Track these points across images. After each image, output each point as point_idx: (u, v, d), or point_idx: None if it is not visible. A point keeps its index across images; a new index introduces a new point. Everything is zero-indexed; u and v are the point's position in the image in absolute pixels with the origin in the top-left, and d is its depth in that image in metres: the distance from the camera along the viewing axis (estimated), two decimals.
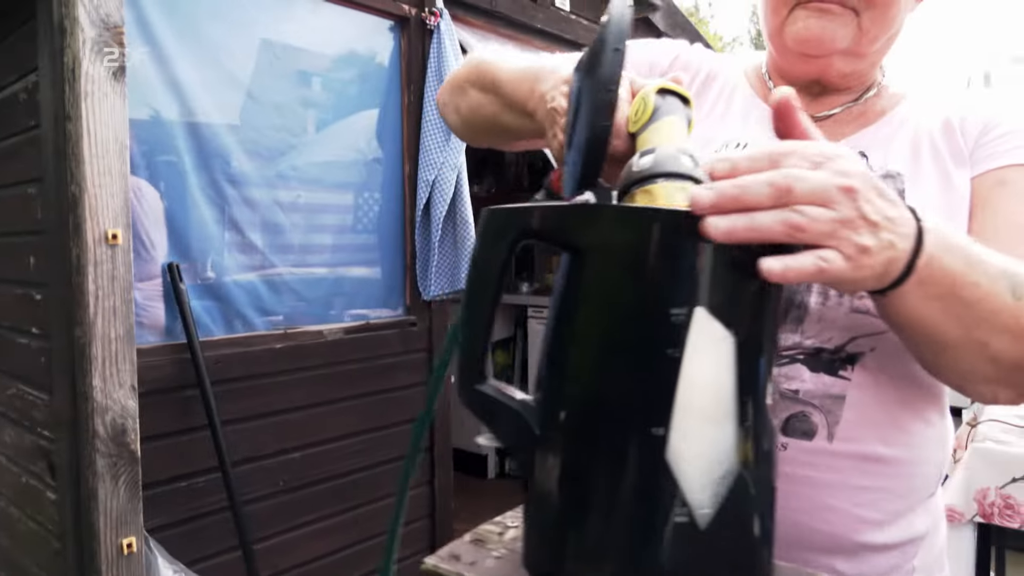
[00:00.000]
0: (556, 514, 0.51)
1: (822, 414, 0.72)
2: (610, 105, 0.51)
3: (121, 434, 1.48)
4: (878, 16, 0.72)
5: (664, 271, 0.48)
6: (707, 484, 0.48)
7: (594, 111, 0.51)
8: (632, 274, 0.49)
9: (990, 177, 0.73)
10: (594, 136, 0.51)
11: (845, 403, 0.71)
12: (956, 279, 0.54)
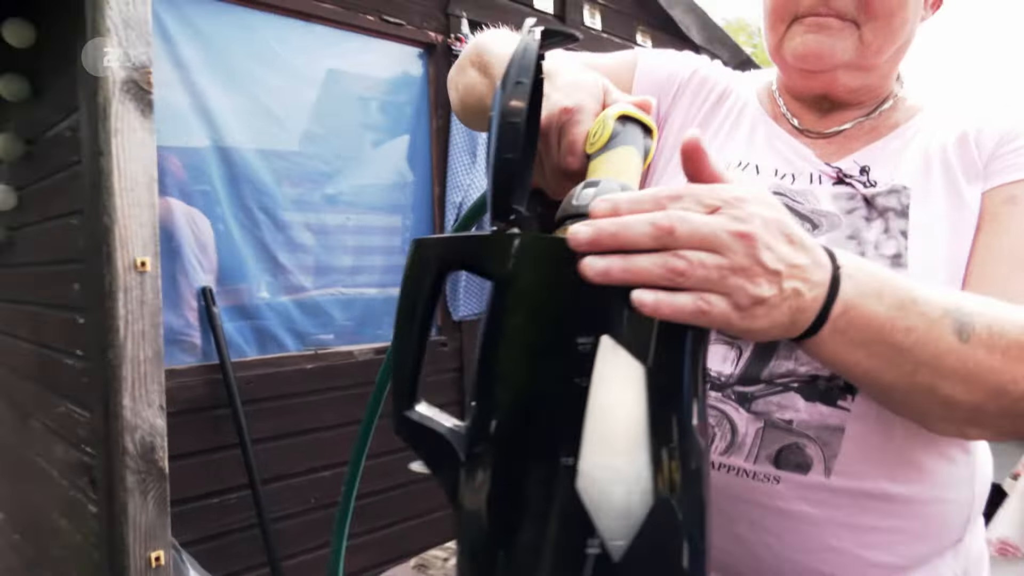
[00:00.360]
0: (478, 542, 0.52)
1: (817, 446, 0.67)
2: (513, 138, 0.51)
3: (150, 451, 1.55)
4: (881, 27, 0.70)
5: (567, 301, 0.48)
6: (619, 514, 0.48)
7: (498, 143, 0.52)
8: (539, 304, 0.49)
9: (1001, 192, 0.69)
10: (498, 168, 0.52)
11: (844, 435, 0.66)
12: (883, 324, 0.51)
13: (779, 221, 0.48)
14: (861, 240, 0.70)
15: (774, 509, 0.67)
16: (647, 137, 0.60)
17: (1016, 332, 0.55)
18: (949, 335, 0.53)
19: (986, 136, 0.72)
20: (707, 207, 0.46)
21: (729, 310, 0.45)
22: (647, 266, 0.44)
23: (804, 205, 0.73)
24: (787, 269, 0.47)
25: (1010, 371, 0.55)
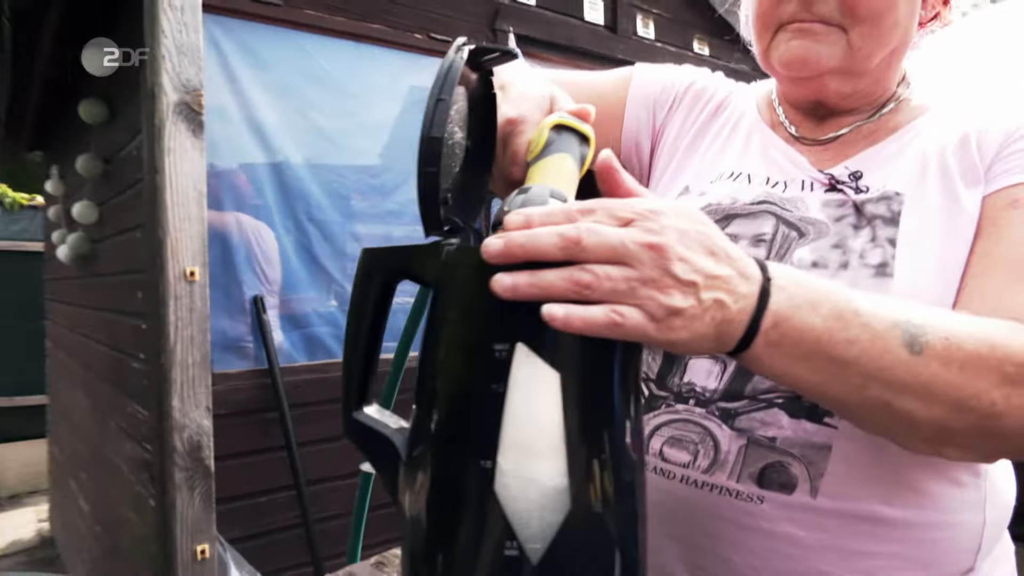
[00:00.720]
0: (414, 541, 0.54)
1: (803, 465, 0.65)
2: (434, 153, 0.53)
3: (197, 450, 1.65)
4: (869, 31, 0.68)
5: (484, 309, 0.49)
6: (536, 518, 0.49)
7: (420, 158, 0.54)
8: (461, 311, 0.52)
9: (1004, 196, 0.66)
10: (422, 181, 0.54)
11: (831, 454, 0.64)
12: (820, 336, 0.50)
13: (699, 233, 0.47)
14: (846, 249, 0.68)
15: (758, 530, 0.65)
16: (583, 144, 0.62)
17: (975, 345, 0.53)
18: (898, 347, 0.51)
19: (990, 137, 0.69)
20: (620, 220, 0.46)
21: (644, 321, 0.45)
22: (554, 280, 0.45)
23: (793, 213, 0.72)
24: (705, 280, 0.46)
25: (971, 385, 0.52)
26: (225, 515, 1.74)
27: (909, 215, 0.67)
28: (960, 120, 0.72)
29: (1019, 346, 0.54)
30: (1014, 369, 0.53)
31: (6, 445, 5.26)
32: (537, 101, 0.65)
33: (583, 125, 0.63)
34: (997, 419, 0.53)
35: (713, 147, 0.82)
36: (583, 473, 0.49)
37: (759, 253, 0.71)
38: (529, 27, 2.62)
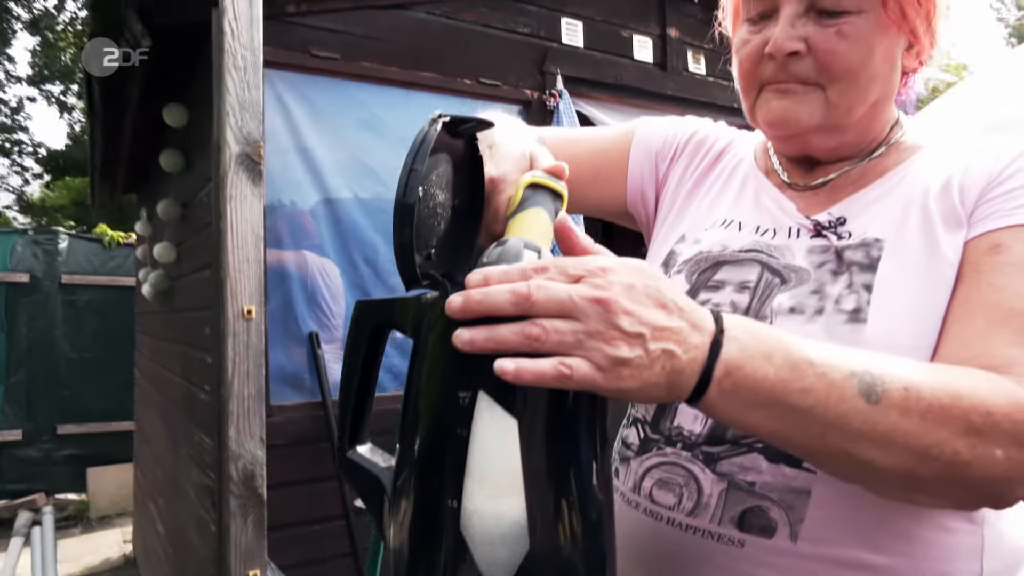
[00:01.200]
0: (395, 572, 0.59)
1: (781, 509, 0.65)
2: (407, 216, 0.59)
3: (250, 479, 1.74)
4: (846, 88, 0.69)
5: (449, 359, 0.54)
6: (498, 556, 0.53)
7: (395, 220, 0.60)
8: (431, 360, 0.57)
9: (985, 241, 0.66)
10: (397, 242, 0.60)
11: (810, 499, 0.65)
12: (774, 386, 0.51)
13: (648, 287, 0.50)
14: (824, 294, 0.69)
15: (740, 573, 0.66)
16: (557, 199, 0.66)
17: (937, 394, 0.53)
18: (854, 396, 0.52)
19: (972, 180, 0.69)
20: (571, 276, 0.49)
21: (591, 371, 0.47)
22: (506, 334, 0.48)
23: (779, 260, 0.74)
24: (652, 332, 0.49)
25: (932, 435, 0.53)
26: (277, 542, 1.83)
27: (887, 261, 0.68)
28: (946, 162, 0.72)
29: (985, 396, 0.54)
30: (980, 419, 0.53)
31: (100, 468, 5.60)
32: (517, 161, 0.70)
33: (556, 182, 0.67)
34: (962, 468, 0.53)
35: (710, 195, 0.85)
36: (544, 513, 0.53)
37: (743, 299, 0.73)
38: (577, 68, 2.69)
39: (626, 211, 0.93)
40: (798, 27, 0.68)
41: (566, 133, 0.97)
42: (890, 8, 0.67)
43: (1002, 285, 0.63)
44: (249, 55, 1.75)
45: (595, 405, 0.56)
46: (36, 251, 5.73)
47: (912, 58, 0.75)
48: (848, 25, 0.67)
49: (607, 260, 0.51)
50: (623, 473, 0.77)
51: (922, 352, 0.64)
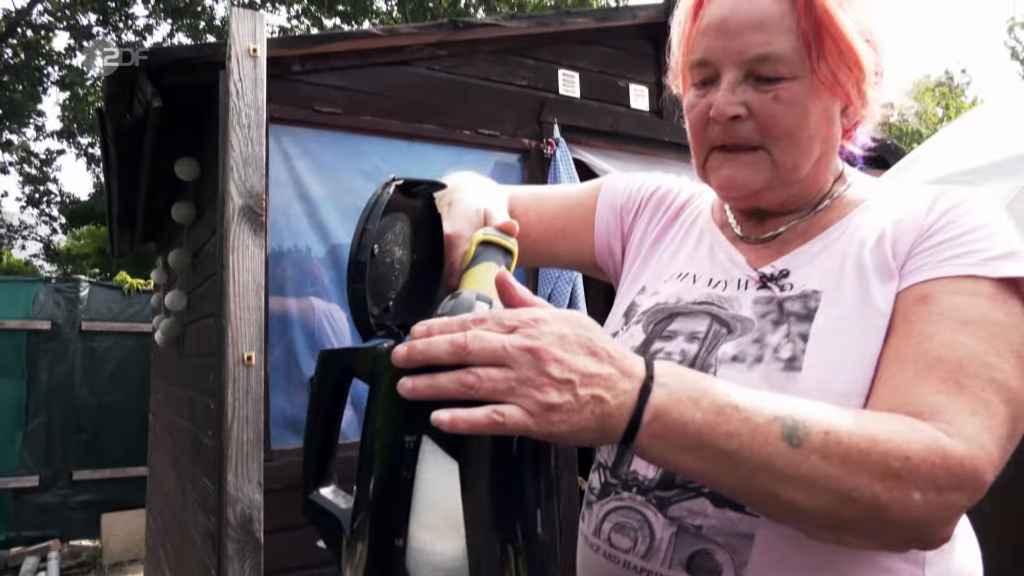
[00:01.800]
0: None
1: (727, 553, 0.68)
2: (360, 273, 0.63)
3: (248, 523, 1.77)
4: (788, 147, 0.73)
5: (395, 404, 0.58)
6: None
7: (349, 276, 0.64)
8: (381, 406, 0.60)
9: (915, 292, 0.69)
10: (350, 296, 0.64)
11: (754, 542, 0.67)
12: (700, 430, 0.54)
13: (579, 336, 0.53)
14: (764, 343, 0.72)
15: None
16: (507, 255, 0.71)
17: (857, 439, 0.55)
18: (777, 440, 0.54)
19: (903, 235, 0.72)
20: (506, 327, 0.52)
21: (524, 417, 0.50)
22: (444, 383, 0.51)
23: (727, 311, 0.77)
24: (582, 378, 0.51)
25: (850, 479, 0.55)
26: None
27: (823, 312, 0.71)
28: (883, 216, 0.75)
29: (904, 441, 0.56)
30: (898, 464, 0.55)
31: (114, 514, 5.61)
32: (470, 218, 0.75)
33: (506, 239, 0.72)
34: (882, 511, 0.55)
35: (670, 248, 0.89)
36: (485, 554, 0.56)
37: (692, 348, 0.76)
38: (575, 117, 2.77)
39: (595, 264, 0.97)
40: (738, 93, 0.72)
41: (537, 191, 1.02)
42: (822, 74, 0.71)
43: (930, 334, 0.65)
44: (253, 113, 1.84)
45: (538, 450, 0.58)
46: (58, 299, 5.88)
47: (850, 117, 0.79)
48: (784, 91, 0.71)
49: (541, 311, 0.54)
50: (587, 517, 0.80)
51: (855, 399, 0.66)
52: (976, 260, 0.67)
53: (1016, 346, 0.64)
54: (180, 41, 13.11)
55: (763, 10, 0.71)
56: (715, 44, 0.73)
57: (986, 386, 0.62)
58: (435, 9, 12.23)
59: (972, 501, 0.59)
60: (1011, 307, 0.66)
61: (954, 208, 0.71)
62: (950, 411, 0.60)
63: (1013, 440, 0.63)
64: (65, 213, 13.24)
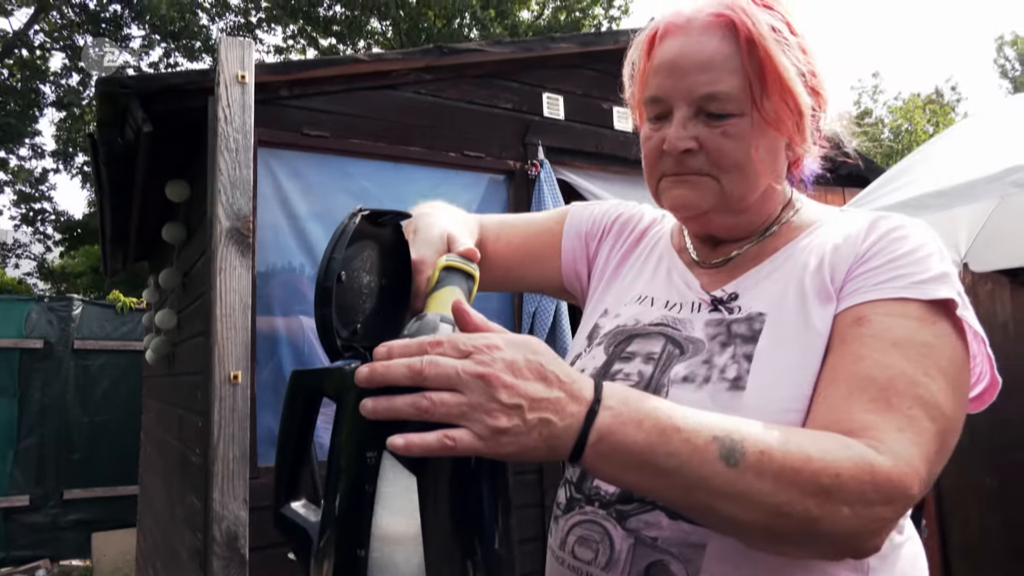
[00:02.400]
0: None
1: (681, 563, 0.70)
2: (326, 298, 0.67)
3: (233, 540, 1.80)
4: (736, 178, 0.77)
5: (357, 422, 0.62)
6: None
7: (315, 302, 0.69)
8: (346, 424, 0.64)
9: (850, 314, 0.72)
10: (317, 321, 0.69)
11: (705, 552, 0.69)
12: (643, 450, 0.57)
13: (529, 362, 0.56)
14: (712, 364, 0.75)
15: None
16: (469, 279, 0.75)
17: (790, 457, 0.59)
18: (715, 460, 0.57)
19: (840, 260, 0.76)
20: (461, 352, 0.55)
21: (474, 440, 0.53)
22: (401, 405, 0.54)
23: (681, 332, 0.81)
24: (530, 403, 0.54)
25: (783, 494, 0.58)
26: None
27: (767, 333, 0.74)
28: (825, 241, 0.79)
29: (834, 459, 0.59)
30: (828, 480, 0.58)
31: (105, 533, 5.60)
32: (435, 245, 0.80)
33: (467, 264, 0.77)
34: (814, 524, 0.58)
35: (631, 272, 0.93)
36: (442, 565, 0.59)
37: (648, 369, 0.80)
38: (559, 139, 2.83)
39: (563, 287, 1.01)
40: (689, 128, 0.76)
41: (505, 218, 1.06)
42: (765, 112, 0.75)
43: (863, 355, 0.68)
44: (241, 138, 1.90)
45: (495, 467, 0.62)
46: (51, 317, 5.90)
47: (795, 150, 0.83)
48: (731, 127, 0.75)
49: (495, 337, 0.57)
50: (554, 531, 0.83)
51: (794, 416, 0.69)
52: (906, 283, 0.71)
53: (944, 365, 0.68)
54: (176, 61, 13.23)
55: (711, 52, 0.75)
56: (667, 82, 0.77)
57: (914, 404, 0.65)
58: (429, 30, 12.38)
59: (899, 514, 0.62)
60: (940, 328, 0.69)
61: (888, 234, 0.75)
62: (880, 428, 0.63)
63: (942, 454, 0.66)
64: (59, 231, 13.26)
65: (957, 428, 0.68)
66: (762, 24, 0.75)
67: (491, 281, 1.01)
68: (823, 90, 0.80)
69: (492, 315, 2.68)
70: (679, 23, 0.78)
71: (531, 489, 2.60)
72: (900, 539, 0.75)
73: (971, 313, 0.71)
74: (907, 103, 18.11)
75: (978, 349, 0.74)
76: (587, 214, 1.01)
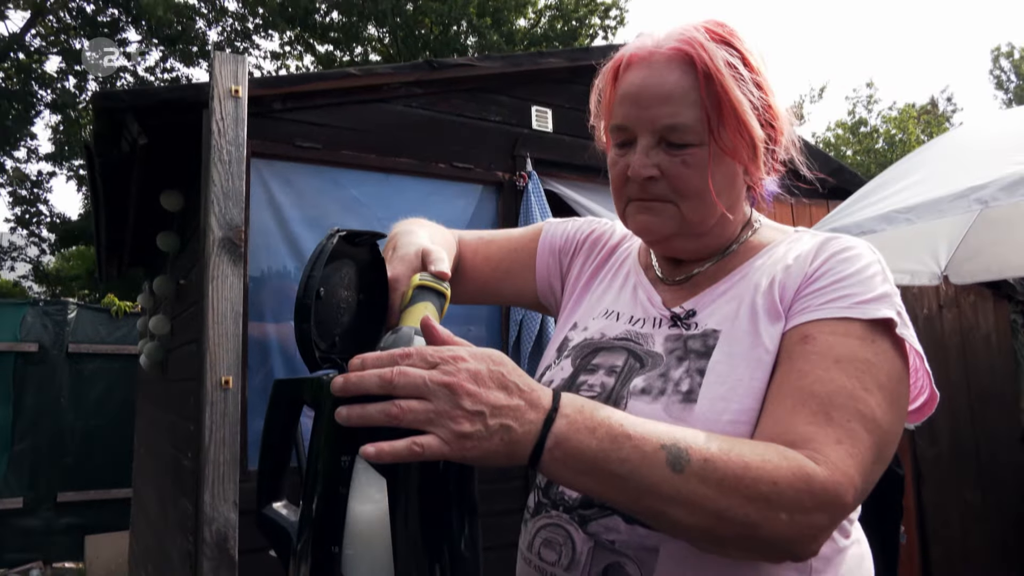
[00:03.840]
0: None
1: (636, 565, 0.74)
2: (305, 313, 0.73)
3: (223, 541, 1.85)
4: (696, 205, 0.81)
5: (333, 428, 0.67)
6: None
7: (295, 317, 0.74)
8: (323, 429, 0.70)
9: (797, 332, 0.76)
10: (297, 334, 0.74)
11: (659, 555, 0.73)
12: (596, 456, 0.61)
13: (492, 372, 0.60)
14: (668, 377, 0.80)
15: None
16: (440, 296, 0.81)
17: (732, 466, 0.63)
18: (662, 466, 0.61)
19: (790, 280, 0.80)
20: (428, 363, 0.59)
21: (440, 445, 0.57)
22: (372, 413, 0.58)
23: (642, 347, 0.85)
24: (491, 410, 0.58)
25: (725, 500, 0.62)
26: None
27: (719, 349, 0.78)
28: (778, 261, 0.83)
29: (774, 468, 0.63)
30: (767, 488, 0.62)
31: (97, 536, 5.62)
32: (409, 263, 0.85)
33: (439, 283, 0.82)
34: (753, 529, 0.63)
35: (600, 287, 0.98)
36: (410, 561, 0.65)
37: (610, 381, 0.84)
38: (547, 151, 2.90)
39: (538, 301, 1.07)
40: (652, 156, 0.80)
41: (483, 234, 1.11)
42: (722, 142, 0.79)
43: (807, 371, 0.72)
44: (234, 150, 1.95)
45: (462, 472, 0.67)
46: (46, 321, 5.93)
47: (752, 176, 0.87)
48: (690, 156, 0.79)
49: (460, 350, 0.61)
50: (523, 533, 0.88)
51: (743, 428, 0.73)
52: (849, 304, 0.75)
53: (882, 381, 0.72)
54: (173, 65, 13.26)
55: (671, 85, 0.79)
56: (631, 113, 0.81)
57: (852, 417, 0.69)
58: (426, 37, 12.46)
59: (835, 521, 0.66)
60: (880, 346, 0.73)
61: (835, 255, 0.79)
62: (819, 440, 0.67)
63: (879, 464, 0.70)
64: (55, 234, 13.25)
65: (894, 439, 0.73)
66: (719, 60, 0.79)
67: (469, 294, 1.06)
68: (776, 122, 0.84)
69: (480, 323, 2.75)
70: (642, 55, 0.82)
71: (516, 496, 2.65)
72: (846, 542, 0.80)
73: (911, 331, 0.75)
74: (901, 113, 18.22)
75: (918, 365, 0.78)
76: (560, 231, 1.06)
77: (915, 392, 0.81)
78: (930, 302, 4.02)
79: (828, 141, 19.23)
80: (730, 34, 0.83)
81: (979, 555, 3.96)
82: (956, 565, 3.83)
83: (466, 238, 1.08)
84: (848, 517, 0.79)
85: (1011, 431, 4.23)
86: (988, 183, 1.71)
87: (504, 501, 2.59)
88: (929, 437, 3.84)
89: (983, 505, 4.07)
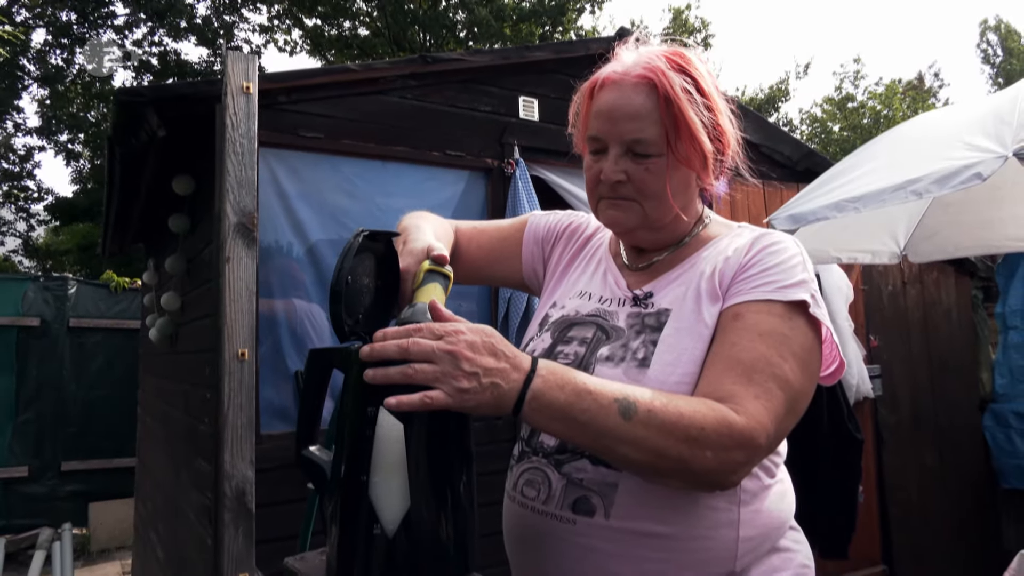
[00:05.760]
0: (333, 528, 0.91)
1: (599, 497, 0.89)
2: (337, 298, 0.93)
3: (241, 495, 2.06)
4: (656, 204, 0.96)
5: (360, 386, 0.87)
6: (389, 511, 0.84)
7: (330, 301, 0.94)
8: (352, 387, 0.89)
9: (731, 311, 0.90)
10: (330, 314, 0.95)
11: (618, 489, 0.88)
12: (563, 407, 0.75)
13: (485, 342, 0.75)
14: (627, 347, 0.94)
15: (573, 543, 0.91)
16: (445, 278, 1.00)
17: (668, 415, 0.77)
18: (615, 415, 0.76)
19: (727, 268, 0.94)
20: (435, 335, 0.75)
21: (444, 398, 0.72)
22: (393, 373, 0.74)
23: (609, 322, 1.00)
24: (484, 372, 0.73)
25: (663, 441, 0.77)
26: (267, 553, 2.13)
27: (670, 325, 0.93)
28: (720, 252, 0.97)
29: (703, 416, 0.78)
30: (696, 432, 0.77)
31: (102, 503, 5.85)
32: (416, 255, 1.03)
33: (443, 268, 1.02)
34: (686, 463, 0.77)
35: (576, 271, 1.14)
36: (420, 486, 0.84)
37: (582, 350, 0.99)
38: (534, 139, 3.08)
39: (523, 283, 1.24)
40: (620, 164, 0.94)
41: (477, 224, 1.28)
42: (679, 154, 0.94)
43: (734, 342, 0.87)
44: (246, 143, 2.13)
45: (460, 422, 0.83)
46: (47, 296, 6.07)
47: (704, 181, 1.01)
48: (652, 164, 0.94)
49: (460, 325, 0.78)
50: (509, 477, 1.06)
51: (686, 388, 0.88)
52: (773, 288, 0.90)
53: (796, 350, 0.86)
54: (161, 39, 13.18)
55: (637, 106, 0.93)
56: (604, 126, 0.95)
57: (769, 379, 0.83)
58: (415, 11, 12.46)
59: (751, 458, 0.80)
60: (795, 323, 0.88)
61: (765, 249, 0.94)
62: (740, 396, 0.81)
63: (791, 416, 0.85)
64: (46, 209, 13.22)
65: (805, 397, 0.87)
66: (676, 86, 0.92)
67: (465, 276, 1.24)
68: (723, 137, 0.98)
69: (472, 300, 2.95)
70: (615, 78, 0.96)
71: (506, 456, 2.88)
72: (771, 481, 0.95)
73: (823, 311, 0.92)
74: (887, 89, 18.33)
75: (829, 339, 0.95)
76: (543, 222, 1.22)
77: (828, 360, 0.99)
78: (895, 279, 4.26)
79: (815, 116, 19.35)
80: (687, 63, 0.96)
81: (936, 515, 4.25)
82: (913, 523, 4.12)
83: (462, 227, 1.24)
84: (773, 461, 0.96)
85: (969, 400, 4.51)
86: (922, 176, 1.92)
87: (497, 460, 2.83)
88: (891, 405, 4.11)
89: (941, 468, 4.35)
